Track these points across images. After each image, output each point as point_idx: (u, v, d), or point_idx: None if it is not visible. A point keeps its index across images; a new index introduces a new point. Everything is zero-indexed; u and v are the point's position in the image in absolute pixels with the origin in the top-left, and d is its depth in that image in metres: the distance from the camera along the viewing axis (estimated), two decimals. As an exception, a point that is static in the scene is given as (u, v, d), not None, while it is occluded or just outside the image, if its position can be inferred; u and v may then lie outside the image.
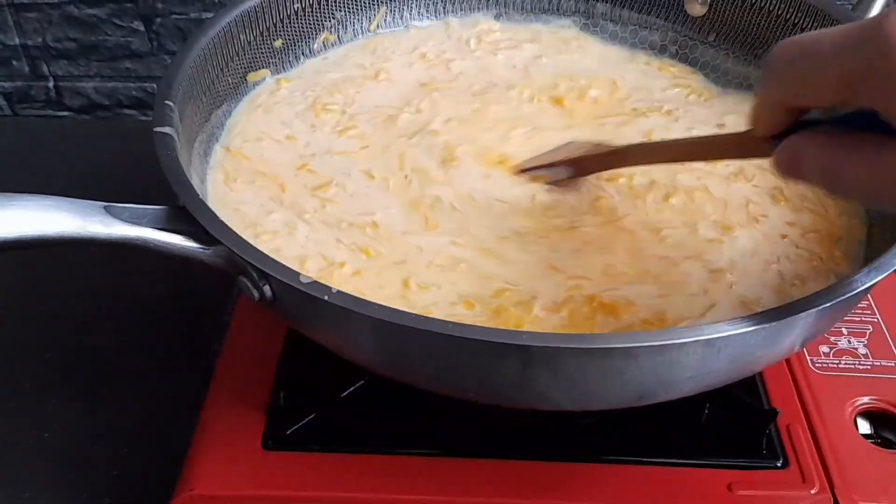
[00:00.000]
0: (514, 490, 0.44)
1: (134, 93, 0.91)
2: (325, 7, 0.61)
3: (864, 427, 0.48)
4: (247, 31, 0.55)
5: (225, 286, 0.59)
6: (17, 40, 0.87)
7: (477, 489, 0.44)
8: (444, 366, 0.36)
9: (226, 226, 0.37)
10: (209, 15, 0.84)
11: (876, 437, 0.48)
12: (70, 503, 0.56)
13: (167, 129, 0.42)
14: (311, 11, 0.60)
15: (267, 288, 0.37)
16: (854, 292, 0.36)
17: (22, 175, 0.84)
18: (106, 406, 0.62)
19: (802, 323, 0.36)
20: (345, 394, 0.48)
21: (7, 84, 0.91)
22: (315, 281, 0.35)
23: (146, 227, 0.37)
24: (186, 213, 0.37)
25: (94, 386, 0.64)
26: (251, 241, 0.37)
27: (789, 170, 0.32)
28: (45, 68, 0.89)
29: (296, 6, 0.58)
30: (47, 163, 0.87)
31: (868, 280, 0.36)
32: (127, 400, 0.62)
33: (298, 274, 0.35)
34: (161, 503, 0.44)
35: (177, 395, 0.62)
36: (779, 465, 0.45)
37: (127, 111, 0.93)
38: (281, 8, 0.57)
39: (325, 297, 0.34)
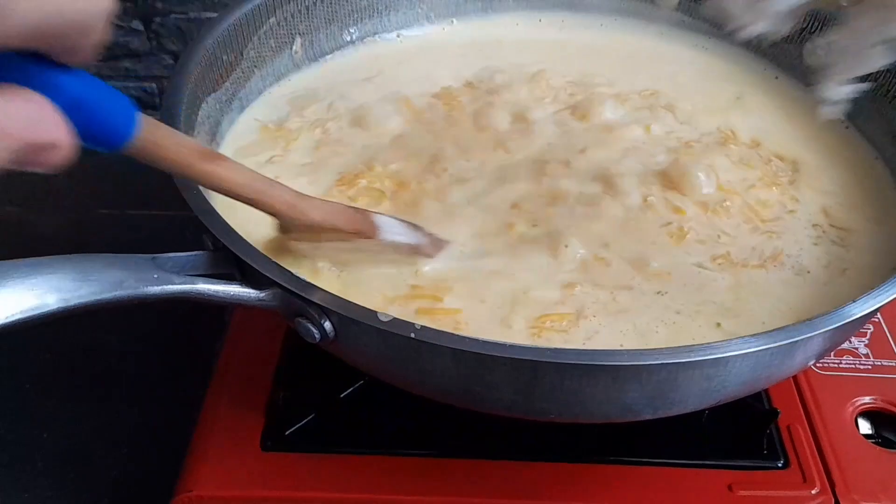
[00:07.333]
0: (514, 490, 0.44)
1: (133, 92, 0.91)
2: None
3: (865, 427, 0.48)
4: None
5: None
6: (16, 40, 0.87)
7: (476, 489, 0.44)
8: (531, 391, 0.35)
9: (282, 268, 0.35)
10: (209, 14, 0.84)
11: (877, 437, 0.48)
12: (70, 503, 0.57)
13: None
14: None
15: (328, 325, 0.35)
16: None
17: (21, 176, 0.84)
18: (106, 406, 0.62)
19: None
20: (344, 394, 0.48)
21: (7, 84, 0.90)
22: (395, 319, 0.33)
23: (196, 277, 0.35)
24: (231, 255, 0.36)
25: (94, 386, 0.64)
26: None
27: None
28: (44, 68, 0.89)
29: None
30: (47, 162, 0.87)
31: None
32: (127, 400, 0.63)
33: (376, 313, 0.34)
34: (161, 503, 0.44)
35: (177, 395, 0.62)
36: (780, 465, 0.45)
37: (127, 110, 0.93)
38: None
39: (412, 335, 0.33)
